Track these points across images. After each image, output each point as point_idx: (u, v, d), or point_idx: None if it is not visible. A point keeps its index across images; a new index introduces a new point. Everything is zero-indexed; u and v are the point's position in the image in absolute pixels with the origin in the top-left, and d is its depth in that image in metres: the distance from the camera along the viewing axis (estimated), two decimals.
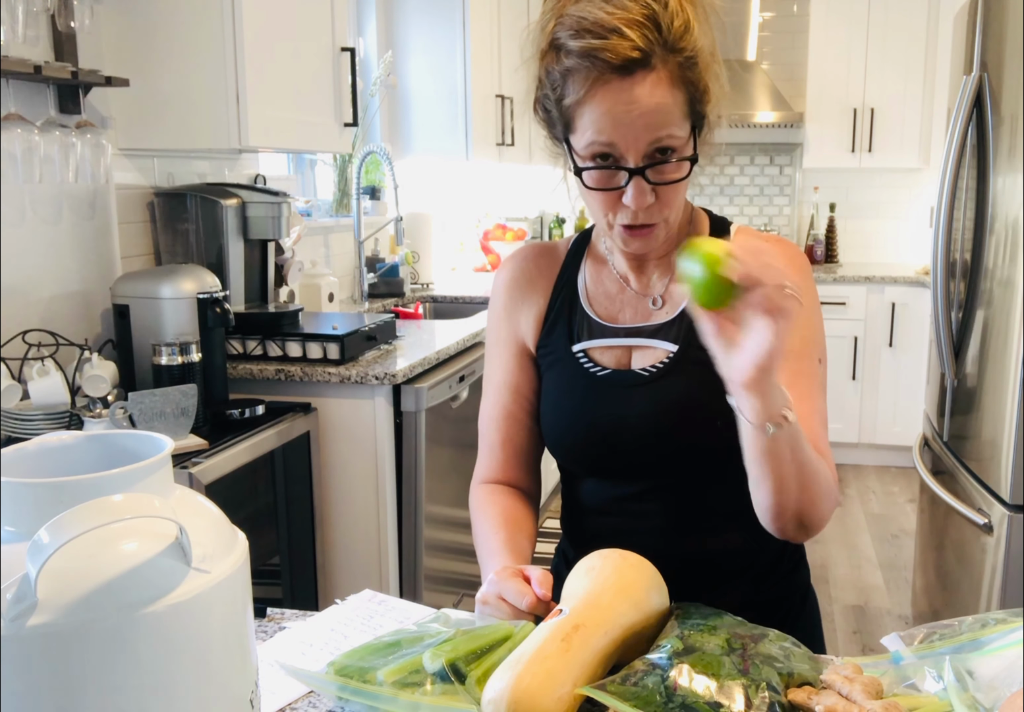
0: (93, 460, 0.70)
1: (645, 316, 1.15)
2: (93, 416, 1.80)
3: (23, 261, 1.99)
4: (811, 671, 0.84)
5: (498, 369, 1.23)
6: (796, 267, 1.12)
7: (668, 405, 1.10)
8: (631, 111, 0.98)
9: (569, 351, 1.16)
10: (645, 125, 0.99)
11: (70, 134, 1.96)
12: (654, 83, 0.99)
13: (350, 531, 2.36)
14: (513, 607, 0.94)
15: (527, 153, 4.50)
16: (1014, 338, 2.13)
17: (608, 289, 1.18)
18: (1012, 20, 2.16)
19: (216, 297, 2.09)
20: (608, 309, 1.17)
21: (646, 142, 0.99)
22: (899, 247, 5.24)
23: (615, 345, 1.15)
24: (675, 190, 1.04)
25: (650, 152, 1.00)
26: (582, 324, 1.17)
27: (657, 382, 1.11)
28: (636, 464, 1.12)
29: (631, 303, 1.16)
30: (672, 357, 1.11)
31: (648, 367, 1.12)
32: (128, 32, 2.17)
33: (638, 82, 0.98)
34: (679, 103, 1.01)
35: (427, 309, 3.71)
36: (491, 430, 1.23)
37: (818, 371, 1.11)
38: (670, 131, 1.00)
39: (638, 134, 0.99)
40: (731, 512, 1.13)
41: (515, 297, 1.22)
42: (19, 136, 1.85)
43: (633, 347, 1.14)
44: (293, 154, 3.33)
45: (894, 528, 4.03)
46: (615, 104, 0.98)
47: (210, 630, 0.63)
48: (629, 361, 1.14)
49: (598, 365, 1.14)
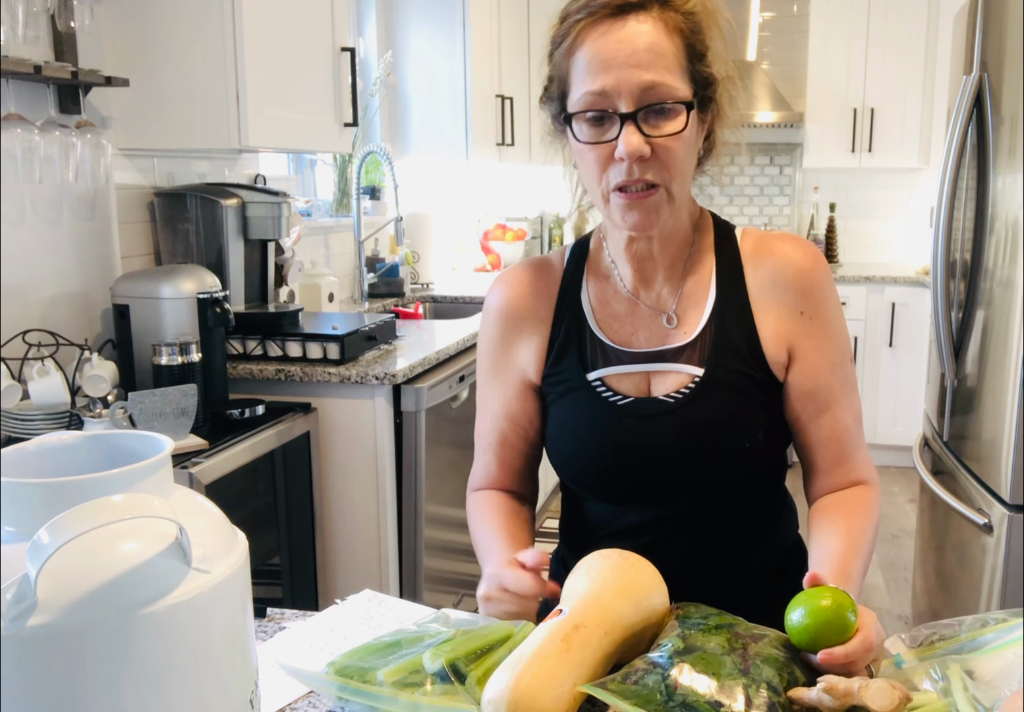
0: (93, 460, 0.70)
1: (662, 337, 1.10)
2: (93, 416, 1.80)
3: (23, 261, 1.99)
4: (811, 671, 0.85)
5: (493, 398, 1.18)
6: (818, 267, 1.10)
7: (694, 431, 1.06)
8: (622, 49, 0.97)
9: (584, 380, 1.11)
10: (636, 64, 0.96)
11: (70, 134, 1.96)
12: (648, 25, 0.98)
13: (350, 531, 2.36)
14: (517, 596, 0.94)
15: (527, 153, 4.50)
16: (1014, 338, 2.13)
17: (616, 310, 1.13)
18: (1012, 20, 2.15)
19: (216, 297, 2.09)
20: (619, 332, 1.12)
21: (638, 84, 0.96)
22: (899, 247, 5.24)
23: (634, 371, 1.10)
24: (673, 148, 0.99)
25: (643, 98, 0.97)
26: (595, 350, 1.11)
27: (683, 409, 1.07)
28: (658, 493, 1.10)
29: (644, 324, 1.11)
30: (698, 382, 1.07)
31: (672, 393, 1.08)
32: (128, 32, 2.17)
33: (631, 23, 0.98)
34: (675, 52, 0.99)
35: (427, 309, 3.71)
36: (487, 452, 1.20)
37: (853, 371, 1.13)
38: (664, 78, 0.97)
39: (629, 75, 0.96)
40: (746, 531, 1.14)
41: (511, 326, 1.16)
42: (19, 136, 1.85)
43: (652, 373, 1.10)
44: (293, 154, 3.33)
45: (894, 528, 4.03)
46: (606, 44, 0.97)
47: (210, 630, 0.63)
48: (648, 387, 1.10)
49: (617, 393, 1.09)
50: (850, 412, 1.11)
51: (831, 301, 1.11)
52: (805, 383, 1.09)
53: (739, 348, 1.08)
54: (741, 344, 1.08)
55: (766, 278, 1.09)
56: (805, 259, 1.09)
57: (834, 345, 1.10)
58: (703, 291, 1.10)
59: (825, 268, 1.11)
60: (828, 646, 0.83)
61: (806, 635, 0.84)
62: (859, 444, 1.12)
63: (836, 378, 1.09)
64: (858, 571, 1.00)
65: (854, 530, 1.05)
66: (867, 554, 1.04)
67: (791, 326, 1.08)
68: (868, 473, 1.13)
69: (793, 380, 1.09)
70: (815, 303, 1.09)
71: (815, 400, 1.09)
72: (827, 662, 0.82)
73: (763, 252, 1.11)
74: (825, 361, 1.09)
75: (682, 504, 1.10)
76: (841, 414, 1.10)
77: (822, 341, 1.09)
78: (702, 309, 1.10)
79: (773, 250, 1.11)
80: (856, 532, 1.05)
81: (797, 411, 1.10)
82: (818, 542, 1.06)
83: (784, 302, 1.09)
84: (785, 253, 1.10)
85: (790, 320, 1.08)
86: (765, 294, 1.09)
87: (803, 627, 0.84)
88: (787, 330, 1.08)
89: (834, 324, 1.10)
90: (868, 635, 0.84)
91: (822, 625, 0.84)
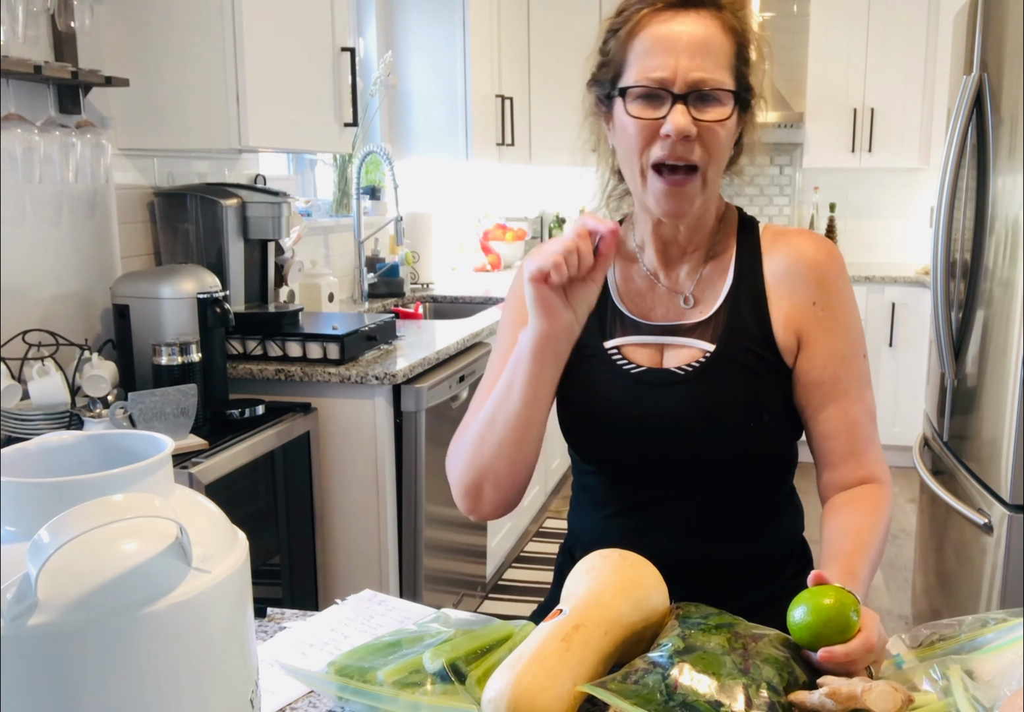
0: (93, 460, 0.70)
1: (678, 314, 1.14)
2: (93, 416, 1.80)
3: (23, 261, 1.99)
4: (811, 671, 0.85)
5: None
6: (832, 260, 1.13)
7: (702, 404, 1.09)
8: (682, 37, 1.03)
9: (601, 347, 1.15)
10: (695, 53, 1.02)
11: (70, 134, 1.96)
12: (707, 20, 1.04)
13: (350, 531, 2.36)
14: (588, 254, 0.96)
15: (527, 153, 4.50)
16: (1014, 338, 2.13)
17: (639, 286, 1.17)
18: (1012, 20, 2.15)
19: (216, 297, 2.09)
20: (640, 306, 1.16)
21: (693, 70, 1.02)
22: (899, 247, 5.24)
23: (648, 343, 1.14)
24: (717, 132, 1.04)
25: (696, 84, 1.02)
26: (614, 320, 1.16)
27: (692, 381, 1.10)
28: (663, 461, 1.12)
29: (662, 301, 1.16)
30: (709, 357, 1.10)
31: (683, 366, 1.11)
32: (128, 32, 2.17)
33: (692, 15, 1.04)
34: (727, 51, 1.05)
35: (427, 309, 3.71)
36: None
37: (865, 368, 1.14)
38: (717, 70, 1.03)
39: (687, 62, 1.02)
40: (749, 518, 1.15)
41: None
42: (19, 136, 1.85)
43: (666, 345, 1.13)
44: (293, 154, 3.33)
45: (894, 528, 4.03)
46: (669, 29, 1.03)
47: (210, 630, 0.63)
48: (661, 359, 1.13)
49: (631, 362, 1.13)
50: (860, 406, 1.12)
51: (844, 295, 1.13)
52: (812, 372, 1.11)
53: (750, 329, 1.11)
54: (753, 326, 1.11)
55: (781, 267, 1.13)
56: (819, 252, 1.13)
57: (845, 337, 1.12)
58: (721, 276, 1.14)
59: (839, 262, 1.14)
60: (829, 645, 0.83)
61: (807, 633, 0.84)
62: (870, 441, 1.13)
63: (845, 371, 1.11)
64: (865, 571, 1.01)
65: (863, 529, 1.06)
66: (876, 554, 1.05)
67: (802, 315, 1.11)
68: (879, 471, 1.13)
69: (801, 368, 1.11)
70: (827, 295, 1.11)
71: (821, 390, 1.11)
72: (827, 660, 0.82)
73: (780, 243, 1.15)
74: (833, 352, 1.11)
75: (686, 481, 1.12)
76: (849, 407, 1.11)
77: (832, 332, 1.11)
78: (719, 292, 1.14)
79: (789, 242, 1.14)
80: (866, 531, 1.06)
81: (804, 400, 1.12)
82: (828, 540, 1.07)
83: (797, 291, 1.12)
84: (800, 245, 1.14)
85: (801, 309, 1.11)
86: (779, 283, 1.12)
87: (805, 625, 0.85)
88: (798, 318, 1.11)
89: (845, 317, 1.12)
90: (870, 636, 0.84)
91: (824, 623, 0.84)
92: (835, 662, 0.82)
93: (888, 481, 1.14)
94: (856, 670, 0.83)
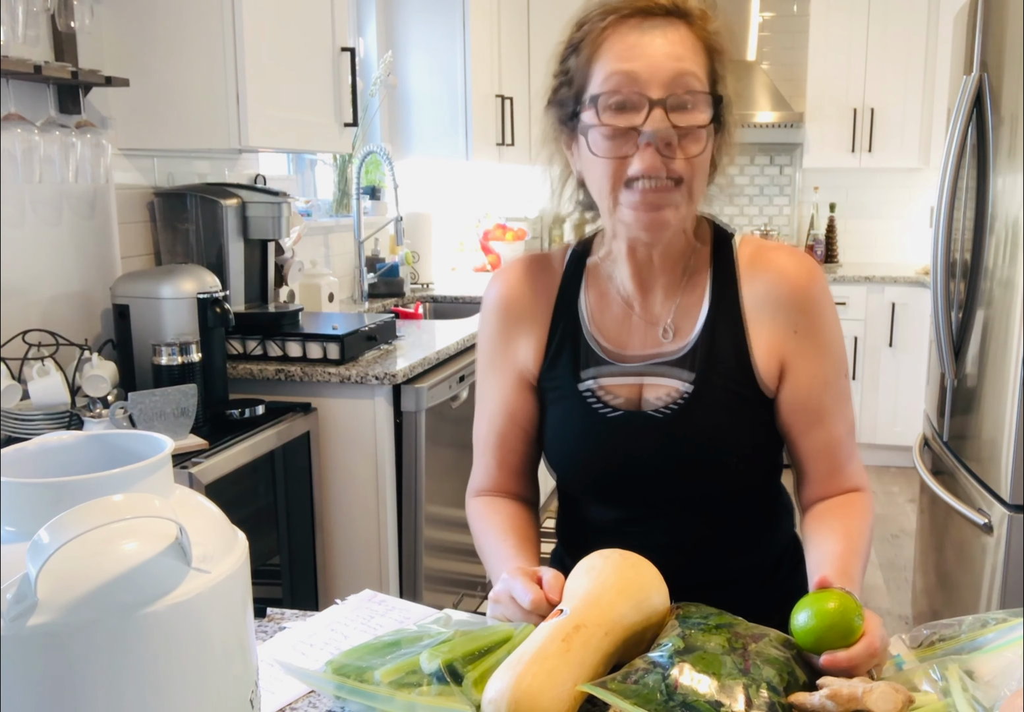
0: (93, 460, 0.69)
1: (655, 344, 1.09)
2: (93, 416, 1.80)
3: (23, 261, 1.99)
4: (812, 671, 0.85)
5: (491, 395, 1.17)
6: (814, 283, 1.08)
7: (682, 447, 1.07)
8: (655, 39, 0.96)
9: (575, 389, 1.10)
10: (667, 54, 0.96)
11: (70, 134, 1.96)
12: (677, 31, 0.98)
13: (350, 531, 2.36)
14: (521, 608, 0.94)
15: (527, 153, 4.49)
16: (1014, 338, 2.12)
17: (614, 314, 1.12)
18: (1012, 20, 2.15)
19: (216, 297, 2.09)
20: (615, 338, 1.11)
21: (670, 71, 0.95)
22: (899, 247, 5.24)
23: (625, 383, 1.09)
24: (699, 138, 0.97)
25: (674, 86, 0.95)
26: (587, 355, 1.11)
27: (671, 423, 1.07)
28: (648, 500, 1.11)
29: (639, 329, 1.11)
30: (688, 397, 1.06)
31: (661, 408, 1.07)
32: (128, 32, 2.17)
33: (661, 22, 0.97)
34: (700, 61, 0.99)
35: (427, 309, 3.71)
36: (486, 453, 1.19)
37: (847, 384, 1.12)
38: (694, 69, 0.97)
39: (661, 62, 0.95)
40: (740, 532, 1.14)
41: (510, 322, 1.15)
42: (19, 136, 1.85)
43: (644, 382, 1.09)
44: (293, 154, 3.33)
45: (894, 528, 4.03)
46: (640, 35, 0.96)
47: (210, 630, 0.63)
48: (639, 396, 1.09)
49: (607, 406, 1.09)
50: (843, 424, 1.11)
51: (826, 317, 1.09)
52: (797, 399, 1.09)
53: (729, 363, 1.07)
54: (731, 359, 1.07)
55: (760, 292, 1.08)
56: (800, 274, 1.07)
57: (828, 362, 1.09)
58: (697, 303, 1.09)
59: (821, 283, 1.09)
60: (832, 649, 0.83)
61: (811, 637, 0.84)
62: (851, 454, 1.12)
63: (828, 394, 1.09)
64: (859, 572, 1.01)
65: (852, 531, 1.06)
66: (865, 555, 1.05)
67: (784, 343, 1.07)
68: (860, 481, 1.13)
69: (784, 396, 1.09)
70: (809, 320, 1.07)
71: (807, 415, 1.09)
72: (830, 665, 0.82)
73: (759, 265, 1.09)
74: (817, 379, 1.08)
75: (672, 513, 1.11)
76: (833, 426, 1.10)
77: (814, 359, 1.08)
78: (695, 319, 1.09)
79: (769, 264, 1.09)
80: (855, 533, 1.06)
81: (788, 424, 1.10)
82: (816, 544, 1.06)
83: (777, 318, 1.07)
84: (780, 267, 1.08)
85: (783, 337, 1.07)
86: (759, 309, 1.08)
87: (808, 629, 0.85)
88: (780, 346, 1.07)
89: (828, 341, 1.09)
90: (872, 640, 0.84)
91: (827, 628, 0.84)
92: (838, 667, 0.82)
93: (869, 488, 1.14)
94: (858, 674, 0.83)
